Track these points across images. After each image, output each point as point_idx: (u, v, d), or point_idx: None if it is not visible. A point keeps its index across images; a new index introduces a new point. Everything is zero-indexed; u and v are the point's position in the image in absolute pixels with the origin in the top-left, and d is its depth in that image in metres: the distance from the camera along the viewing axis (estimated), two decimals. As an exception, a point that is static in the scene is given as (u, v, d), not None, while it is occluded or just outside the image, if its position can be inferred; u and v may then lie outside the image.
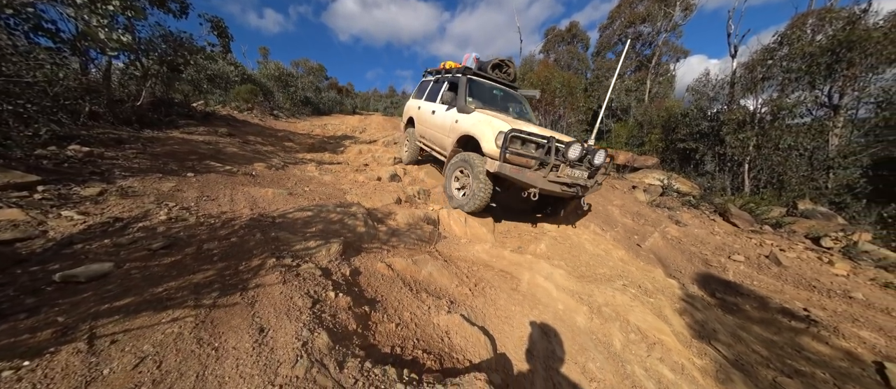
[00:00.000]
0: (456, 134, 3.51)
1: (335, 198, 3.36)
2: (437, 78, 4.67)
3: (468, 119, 3.36)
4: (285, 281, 1.38)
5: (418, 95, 5.14)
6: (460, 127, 3.45)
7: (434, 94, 4.52)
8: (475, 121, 3.24)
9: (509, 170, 2.74)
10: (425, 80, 5.13)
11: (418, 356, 1.33)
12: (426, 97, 4.75)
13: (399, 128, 11.44)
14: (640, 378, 1.52)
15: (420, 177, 5.49)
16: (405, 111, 5.56)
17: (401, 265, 2.20)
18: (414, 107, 5.06)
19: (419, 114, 4.76)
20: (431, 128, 4.25)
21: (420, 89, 5.23)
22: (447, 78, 4.33)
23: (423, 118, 4.57)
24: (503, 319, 1.89)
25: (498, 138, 2.79)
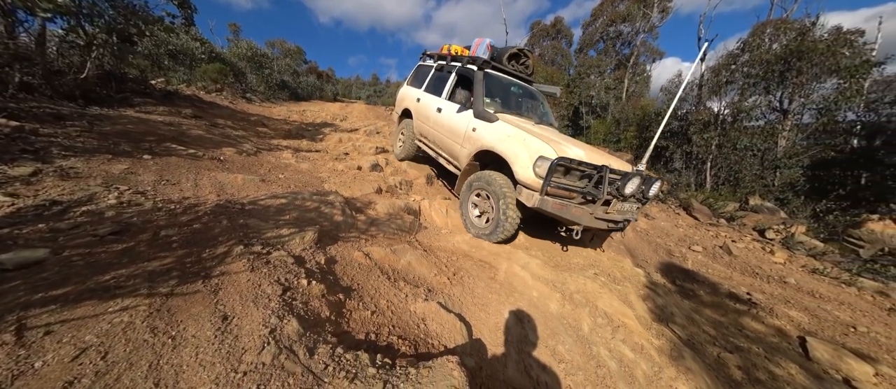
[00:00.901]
0: (473, 145, 2.81)
1: (312, 186, 3.23)
2: (442, 65, 3.84)
3: (491, 131, 2.67)
4: (253, 268, 1.31)
5: (415, 83, 4.34)
6: (480, 138, 2.75)
7: (438, 85, 3.73)
8: (502, 135, 2.55)
9: (551, 206, 2.17)
10: (423, 65, 4.33)
11: (393, 342, 1.33)
12: (427, 88, 3.95)
13: (383, 117, 11.16)
14: (604, 358, 1.62)
15: (402, 167, 5.42)
16: (399, 99, 4.74)
17: (379, 254, 2.17)
18: (411, 98, 4.24)
19: (419, 109, 3.93)
20: (437, 130, 3.47)
21: (417, 76, 4.39)
22: (455, 68, 3.54)
23: (425, 114, 3.74)
24: (480, 306, 1.93)
25: (538, 165, 2.19)
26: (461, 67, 3.48)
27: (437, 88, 3.75)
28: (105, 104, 4.05)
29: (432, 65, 4.13)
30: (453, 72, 3.58)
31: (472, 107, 2.97)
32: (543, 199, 2.19)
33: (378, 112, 11.33)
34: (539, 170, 2.19)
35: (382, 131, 8.12)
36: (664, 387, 1.51)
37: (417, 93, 4.13)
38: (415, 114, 4.07)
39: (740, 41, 7.75)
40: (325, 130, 6.95)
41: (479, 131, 2.80)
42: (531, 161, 2.25)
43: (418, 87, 4.19)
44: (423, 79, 4.16)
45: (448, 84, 3.57)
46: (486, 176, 2.64)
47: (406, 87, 4.62)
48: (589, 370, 1.55)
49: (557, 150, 2.20)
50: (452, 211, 3.74)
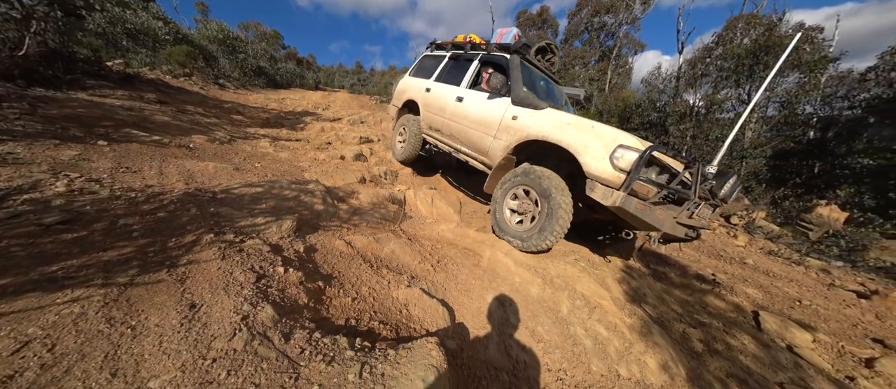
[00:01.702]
0: (514, 136, 2.48)
1: (291, 176, 3.11)
2: (458, 53, 3.54)
3: (541, 118, 2.34)
4: (225, 256, 1.25)
5: (423, 74, 3.99)
6: (524, 127, 2.42)
7: (455, 74, 3.42)
8: (559, 123, 2.21)
9: (635, 207, 1.81)
10: (434, 55, 3.97)
11: (374, 327, 1.32)
12: (440, 77, 3.62)
13: (367, 106, 10.82)
14: (581, 337, 1.69)
15: (388, 157, 5.32)
16: (399, 91, 4.32)
17: (362, 242, 2.14)
18: (418, 89, 3.84)
19: (430, 99, 3.58)
20: (457, 121, 3.12)
21: (423, 67, 4.06)
22: (479, 56, 3.24)
23: (439, 105, 3.38)
24: (463, 292, 1.95)
25: (618, 156, 1.84)
26: (487, 55, 3.18)
27: (455, 77, 3.40)
28: (51, 85, 3.66)
29: (443, 54, 3.81)
30: (475, 60, 3.28)
31: (511, 94, 2.63)
32: (627, 199, 1.79)
33: (362, 101, 10.99)
34: (620, 162, 1.84)
35: (367, 121, 7.91)
36: (634, 361, 1.60)
37: (426, 83, 3.78)
38: (424, 106, 3.68)
39: (715, 35, 8.07)
40: (306, 119, 6.67)
41: (524, 120, 2.44)
42: (607, 151, 1.89)
43: (426, 78, 3.85)
44: (433, 70, 3.81)
45: (469, 72, 3.26)
46: (536, 171, 2.28)
47: (409, 79, 4.24)
48: (566, 348, 1.61)
49: (635, 141, 1.85)
50: (438, 200, 3.73)
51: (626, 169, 1.82)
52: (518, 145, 2.45)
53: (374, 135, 6.52)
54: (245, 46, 11.61)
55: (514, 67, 2.81)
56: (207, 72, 8.97)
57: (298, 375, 0.84)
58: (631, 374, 1.52)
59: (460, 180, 4.52)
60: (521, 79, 2.72)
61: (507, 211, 2.52)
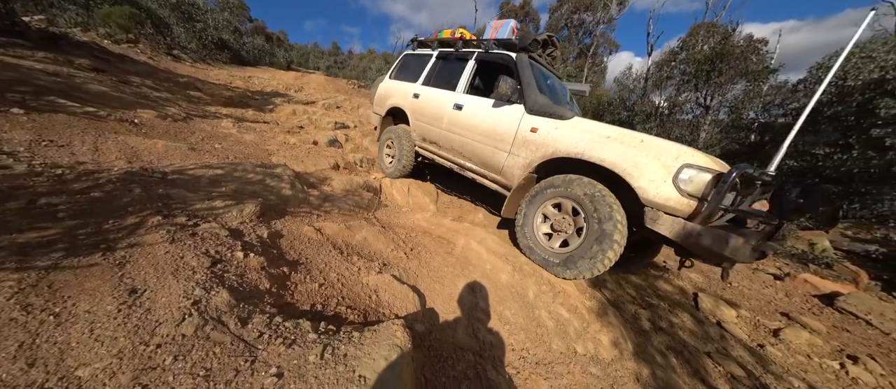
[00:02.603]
0: (535, 152, 2.09)
1: (256, 159, 2.91)
2: (448, 52, 3.06)
3: (571, 131, 1.96)
4: (175, 240, 1.15)
5: (405, 76, 3.48)
6: (548, 142, 2.03)
7: (447, 77, 2.98)
8: (596, 137, 1.85)
9: (711, 241, 1.49)
10: (418, 55, 3.42)
11: (341, 311, 1.31)
12: (430, 80, 3.14)
13: (344, 91, 10.29)
14: (544, 319, 1.80)
15: (364, 145, 5.16)
16: (380, 97, 3.71)
17: (332, 229, 2.08)
18: (404, 94, 3.33)
19: (420, 108, 3.10)
20: (459, 133, 2.66)
21: (407, 68, 3.51)
22: (474, 54, 2.81)
23: (433, 113, 2.93)
24: (435, 279, 1.98)
25: (684, 179, 1.52)
26: (484, 53, 2.73)
27: (448, 80, 2.94)
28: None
29: (428, 54, 3.30)
30: (470, 60, 2.83)
31: (524, 101, 2.22)
32: (705, 232, 1.48)
33: (338, 85, 10.46)
34: (689, 186, 1.50)
35: (343, 106, 7.56)
36: (590, 339, 1.74)
37: (413, 87, 3.25)
38: (414, 115, 3.17)
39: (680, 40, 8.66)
40: (275, 100, 6.23)
41: (547, 132, 2.05)
42: (669, 172, 1.54)
43: (412, 80, 3.34)
44: (419, 71, 3.30)
45: (465, 74, 2.81)
46: (582, 183, 1.85)
47: (390, 82, 3.65)
48: (530, 329, 1.71)
49: (702, 157, 1.53)
50: (415, 189, 3.70)
51: (698, 194, 1.49)
52: (543, 162, 2.05)
53: (350, 122, 6.27)
54: (203, 15, 10.44)
55: (524, 68, 2.35)
56: (158, 40, 7.98)
57: (255, 358, 0.81)
58: (586, 351, 1.65)
59: (451, 186, 3.84)
60: (534, 83, 2.28)
61: (541, 233, 2.09)
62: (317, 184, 2.84)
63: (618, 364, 1.60)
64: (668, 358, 1.76)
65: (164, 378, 0.68)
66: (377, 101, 3.84)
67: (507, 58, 2.54)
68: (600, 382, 1.43)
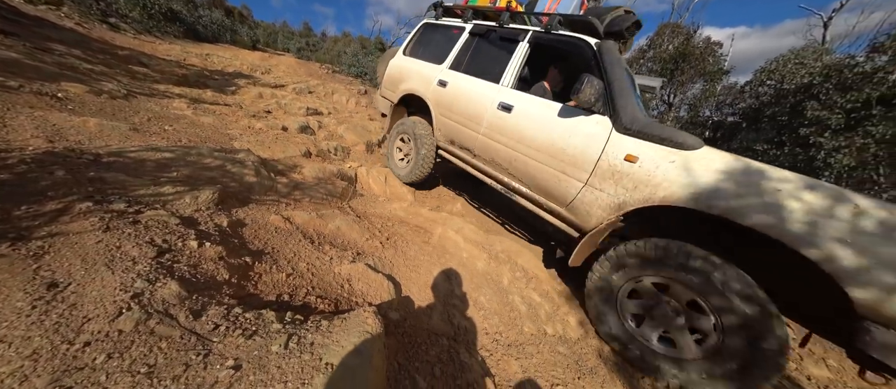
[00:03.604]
0: (634, 193, 1.46)
1: (215, 143, 2.67)
2: (488, 27, 2.31)
3: (699, 172, 1.30)
4: (110, 228, 1.02)
5: (428, 54, 2.70)
6: (656, 180, 1.40)
7: (489, 64, 2.23)
8: (758, 188, 1.16)
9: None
10: (446, 26, 2.63)
11: (311, 301, 1.25)
12: (464, 66, 2.38)
13: (317, 75, 9.69)
14: (517, 303, 1.87)
15: (339, 132, 4.94)
16: (391, 77, 2.92)
17: (302, 218, 1.98)
18: (424, 78, 2.60)
19: (448, 99, 2.38)
20: (506, 142, 2.01)
21: (428, 42, 2.75)
22: (536, 35, 2.05)
23: (468, 111, 2.23)
24: (411, 268, 1.97)
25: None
26: (544, 34, 1.97)
27: (487, 68, 2.21)
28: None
29: (457, 26, 2.50)
30: (521, 41, 2.08)
31: (613, 114, 1.56)
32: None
33: (311, 68, 9.86)
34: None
35: (316, 91, 7.15)
36: (559, 321, 1.83)
37: (437, 71, 2.52)
38: (439, 108, 2.46)
39: (648, 39, 9.16)
40: (239, 82, 5.73)
41: (655, 167, 1.38)
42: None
43: (434, 61, 2.58)
44: (444, 49, 2.53)
45: (514, 62, 2.08)
46: (739, 281, 1.15)
47: (405, 60, 2.83)
48: (503, 314, 1.76)
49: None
50: (392, 178, 3.63)
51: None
52: (641, 209, 1.42)
53: (324, 108, 5.96)
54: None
55: (613, 64, 1.64)
56: (89, 5, 6.95)
57: (209, 351, 0.75)
58: (555, 331, 1.74)
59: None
60: (629, 88, 1.61)
61: (655, 337, 1.44)
62: (286, 172, 2.68)
63: (583, 342, 1.70)
64: (628, 335, 1.91)
65: (94, 378, 0.60)
66: (387, 83, 3.00)
67: (582, 45, 1.78)
68: (566, 359, 1.52)
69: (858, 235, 0.95)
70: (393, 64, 2.98)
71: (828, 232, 0.98)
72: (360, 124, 5.49)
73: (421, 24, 2.92)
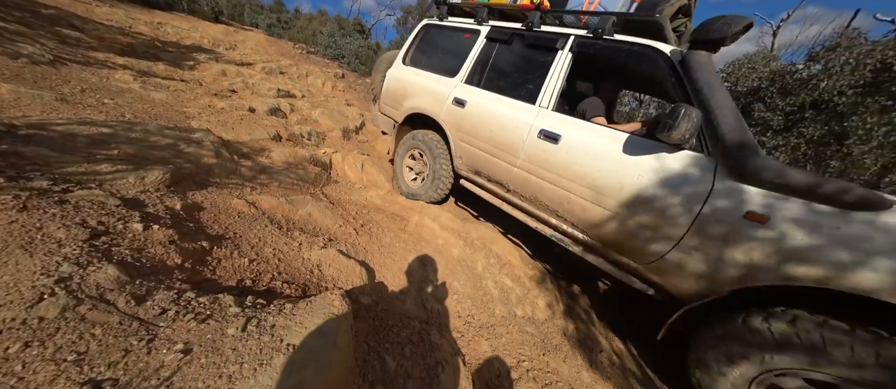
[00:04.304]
0: (760, 254, 1.05)
1: (167, 121, 2.42)
2: (510, 32, 1.88)
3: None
4: (28, 208, 0.89)
5: (434, 63, 2.28)
6: (801, 250, 0.98)
7: (519, 78, 1.82)
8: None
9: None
10: (454, 29, 2.21)
11: (277, 286, 1.20)
12: (485, 80, 1.98)
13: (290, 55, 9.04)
14: (490, 288, 1.93)
15: (313, 117, 4.69)
16: (394, 92, 2.49)
17: (269, 203, 1.87)
18: (436, 96, 2.16)
19: (470, 123, 1.97)
20: (555, 180, 1.63)
21: (434, 48, 2.32)
22: (578, 41, 1.63)
23: (502, 141, 1.82)
24: (386, 254, 1.95)
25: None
26: (590, 39, 1.56)
27: (518, 83, 1.81)
28: None
29: (470, 29, 2.07)
30: (561, 48, 1.65)
31: (724, 153, 1.16)
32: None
33: (282, 47, 9.20)
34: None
35: (289, 72, 6.71)
36: (529, 303, 1.92)
37: (450, 85, 2.09)
38: (457, 134, 2.06)
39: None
40: (198, 56, 5.21)
41: (806, 237, 0.98)
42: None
43: (447, 74, 2.15)
44: (456, 58, 2.11)
45: (554, 76, 1.65)
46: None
47: (407, 72, 2.40)
48: (476, 298, 1.81)
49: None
50: (369, 166, 3.53)
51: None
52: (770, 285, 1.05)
53: (297, 91, 5.61)
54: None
55: (712, 86, 1.21)
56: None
57: (155, 336, 0.69)
58: (525, 313, 1.82)
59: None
60: (740, 116, 1.18)
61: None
62: (251, 155, 2.51)
63: (550, 322, 1.80)
64: (590, 315, 2.05)
65: (7, 369, 0.53)
66: (387, 99, 2.54)
67: (654, 55, 1.37)
68: (533, 338, 1.60)
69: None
70: (393, 75, 2.47)
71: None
72: (336, 109, 5.25)
73: (422, 26, 2.38)
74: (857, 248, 0.88)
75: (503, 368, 1.36)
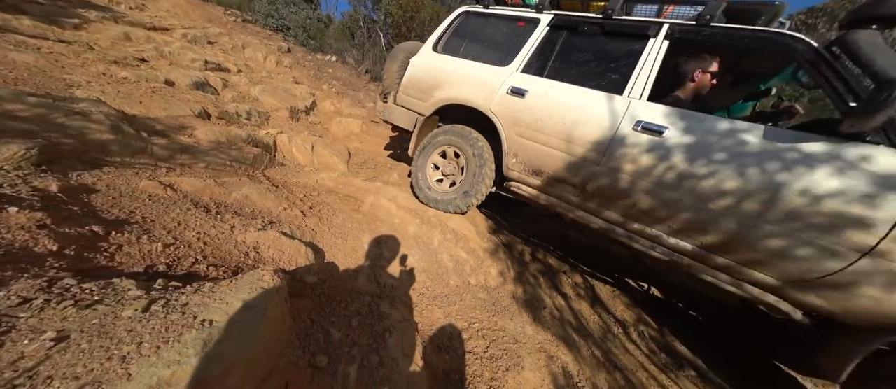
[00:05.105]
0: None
1: (35, 88, 1.92)
2: (586, 24, 1.71)
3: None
4: None
5: (485, 54, 2.04)
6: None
7: (601, 68, 1.63)
8: None
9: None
10: (503, 17, 2.04)
11: (200, 270, 1.07)
12: (549, 69, 1.79)
13: (220, 22, 7.71)
14: (445, 261, 1.98)
15: (253, 94, 4.17)
16: (420, 81, 2.24)
17: (193, 186, 1.63)
18: (490, 85, 1.92)
19: (542, 115, 1.71)
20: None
21: (476, 36, 2.13)
22: (674, 29, 1.47)
23: (582, 135, 1.58)
24: (338, 235, 1.87)
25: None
26: (696, 27, 1.42)
27: (598, 73, 1.62)
28: None
29: (531, 16, 1.90)
30: (653, 37, 1.50)
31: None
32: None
33: (211, 13, 7.87)
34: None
35: (219, 42, 5.79)
36: (482, 272, 2.02)
37: (503, 74, 1.88)
38: (515, 127, 1.82)
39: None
40: (87, 14, 4.18)
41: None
42: None
43: (495, 63, 1.95)
44: (511, 47, 1.92)
45: (645, 65, 1.49)
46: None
47: (438, 58, 2.17)
48: (431, 271, 1.85)
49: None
50: (321, 148, 3.30)
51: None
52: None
53: (231, 64, 4.90)
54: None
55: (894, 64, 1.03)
56: None
57: (12, 327, 0.56)
58: (478, 281, 1.92)
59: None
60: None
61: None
62: (168, 133, 2.14)
63: (501, 288, 1.93)
64: (539, 279, 2.25)
65: None
66: (410, 89, 2.26)
67: (793, 43, 1.20)
68: (485, 303, 1.71)
69: None
70: (420, 64, 2.23)
71: None
72: (282, 87, 4.73)
73: (459, 13, 2.23)
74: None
75: (455, 331, 1.42)
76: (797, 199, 1.09)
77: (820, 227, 1.06)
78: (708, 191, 1.25)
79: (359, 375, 0.91)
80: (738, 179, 1.18)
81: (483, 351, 1.34)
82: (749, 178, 1.17)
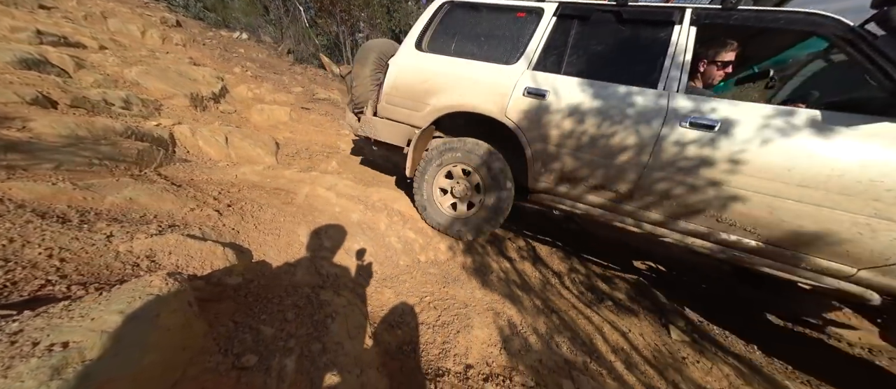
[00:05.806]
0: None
1: None
2: (598, 10, 1.56)
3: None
4: None
5: (482, 52, 1.79)
6: None
7: (622, 61, 1.50)
8: None
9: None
10: (495, 6, 1.81)
11: (54, 292, 0.82)
12: (573, 67, 1.59)
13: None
14: (393, 243, 1.94)
15: (130, 77, 3.30)
16: (410, 87, 1.93)
17: (33, 192, 1.24)
18: (499, 87, 1.68)
19: (573, 118, 1.53)
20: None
21: (463, 30, 1.87)
22: (699, 14, 1.38)
23: (619, 136, 1.45)
24: (269, 232, 1.66)
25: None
26: (724, 11, 1.34)
27: (619, 66, 1.50)
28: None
29: (532, 5, 1.72)
30: (678, 22, 1.43)
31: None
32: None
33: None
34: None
35: (61, 7, 4.36)
36: (432, 249, 2.04)
37: (513, 73, 1.67)
38: (534, 130, 1.63)
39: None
40: None
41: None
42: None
43: (497, 61, 1.73)
44: (514, 41, 1.72)
45: (676, 54, 1.40)
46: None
47: (428, 58, 1.88)
48: (379, 254, 1.80)
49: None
50: (239, 139, 2.85)
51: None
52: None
53: (88, 39, 3.78)
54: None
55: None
56: None
57: None
58: (428, 258, 1.94)
59: None
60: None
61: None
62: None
63: (451, 261, 1.99)
64: (487, 248, 2.38)
65: None
66: (396, 97, 1.95)
67: (830, 23, 1.18)
68: (436, 277, 1.74)
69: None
70: (405, 65, 1.91)
71: None
72: (175, 69, 3.85)
73: (441, 3, 1.91)
74: None
75: (407, 307, 1.43)
76: (886, 194, 1.03)
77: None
78: (786, 187, 1.16)
79: (298, 365, 0.84)
80: (828, 176, 1.09)
81: (435, 320, 1.38)
82: (840, 174, 1.08)
